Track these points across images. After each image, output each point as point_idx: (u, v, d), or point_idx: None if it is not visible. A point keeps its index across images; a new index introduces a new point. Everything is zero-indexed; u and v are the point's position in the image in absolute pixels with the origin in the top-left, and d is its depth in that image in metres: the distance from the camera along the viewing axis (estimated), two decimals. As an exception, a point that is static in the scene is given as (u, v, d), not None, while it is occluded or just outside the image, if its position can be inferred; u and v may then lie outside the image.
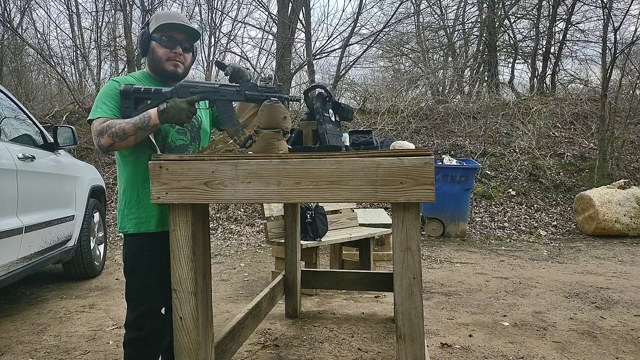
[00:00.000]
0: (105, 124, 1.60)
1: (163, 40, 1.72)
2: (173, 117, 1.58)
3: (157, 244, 1.71)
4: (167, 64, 1.74)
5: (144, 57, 1.80)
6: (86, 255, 4.06)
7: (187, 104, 1.60)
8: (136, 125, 1.58)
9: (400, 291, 1.36)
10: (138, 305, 1.74)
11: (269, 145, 1.51)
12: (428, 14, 12.67)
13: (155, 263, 1.72)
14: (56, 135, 3.62)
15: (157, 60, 1.74)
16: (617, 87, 8.40)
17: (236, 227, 6.37)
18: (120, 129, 1.58)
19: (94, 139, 1.63)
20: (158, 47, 1.73)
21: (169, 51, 1.73)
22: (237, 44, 14.96)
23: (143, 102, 1.67)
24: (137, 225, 1.73)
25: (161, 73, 1.77)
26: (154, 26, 1.73)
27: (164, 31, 1.73)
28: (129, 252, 1.76)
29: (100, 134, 1.59)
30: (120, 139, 1.58)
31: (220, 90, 1.67)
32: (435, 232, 6.12)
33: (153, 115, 1.59)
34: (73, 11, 11.00)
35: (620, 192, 6.15)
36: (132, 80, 1.75)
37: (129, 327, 1.75)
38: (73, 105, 8.88)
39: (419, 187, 1.31)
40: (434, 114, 8.90)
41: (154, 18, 1.76)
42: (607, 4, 8.69)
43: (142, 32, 1.77)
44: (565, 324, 2.95)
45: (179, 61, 1.75)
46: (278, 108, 1.54)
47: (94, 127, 1.63)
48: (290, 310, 3.08)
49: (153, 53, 1.74)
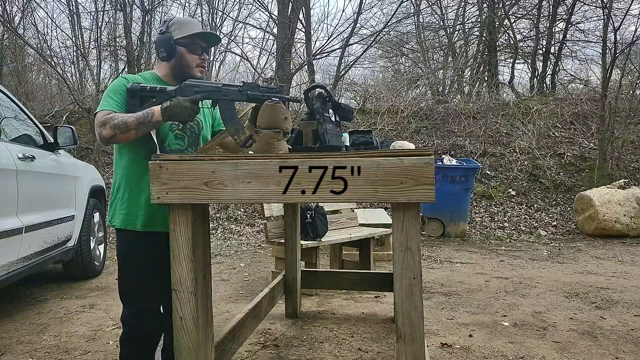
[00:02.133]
0: (109, 116, 1.63)
1: (192, 47, 1.80)
2: (176, 115, 1.61)
3: (143, 243, 1.75)
4: (196, 70, 1.82)
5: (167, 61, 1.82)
6: (86, 255, 4.06)
7: (190, 102, 1.62)
8: (139, 120, 1.61)
9: (400, 291, 1.36)
10: (132, 303, 1.77)
11: (269, 146, 1.51)
12: (428, 14, 12.67)
13: (144, 260, 1.76)
14: (56, 135, 3.62)
15: (186, 66, 1.80)
16: (617, 87, 8.40)
17: (236, 227, 6.37)
18: (123, 121, 1.61)
19: (95, 130, 1.66)
20: (188, 53, 1.80)
21: (197, 58, 1.81)
22: (237, 44, 14.95)
23: (148, 100, 1.71)
24: (124, 221, 1.77)
25: (187, 78, 1.78)
26: (181, 33, 1.78)
27: (192, 39, 1.79)
28: (119, 249, 1.81)
29: (103, 125, 1.62)
30: (122, 132, 1.61)
31: (223, 90, 1.70)
32: (435, 232, 6.12)
33: (156, 112, 1.62)
34: (73, 11, 10.99)
35: (620, 192, 6.15)
36: (142, 80, 1.78)
37: (125, 323, 1.78)
38: (73, 105, 8.87)
39: (419, 187, 1.31)
40: (434, 114, 8.90)
41: (176, 24, 1.81)
42: (607, 4, 8.69)
43: (164, 36, 1.80)
44: (565, 324, 2.95)
45: (204, 67, 1.84)
46: (279, 108, 1.54)
47: (96, 119, 1.66)
48: (290, 310, 3.08)
49: (182, 58, 1.80)
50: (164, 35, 1.81)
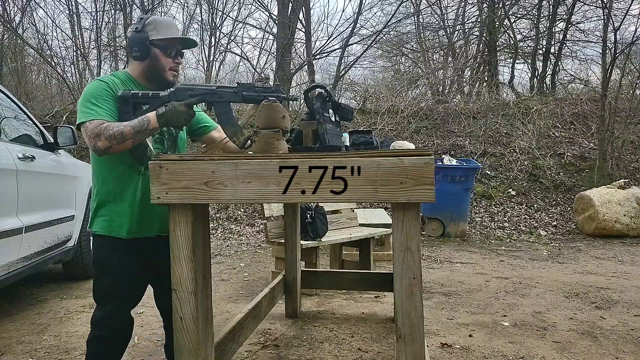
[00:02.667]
0: (102, 127, 1.56)
1: (167, 50, 1.73)
2: (172, 120, 1.59)
3: (126, 250, 1.70)
4: (169, 73, 1.76)
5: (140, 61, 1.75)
6: (86, 255, 4.06)
7: (186, 106, 1.61)
8: (135, 129, 1.57)
9: (400, 291, 1.36)
10: (106, 305, 1.72)
11: (268, 145, 1.51)
12: (428, 14, 12.68)
13: (123, 266, 1.71)
14: (56, 135, 3.62)
15: (160, 69, 1.74)
16: (617, 87, 8.40)
17: (236, 227, 6.37)
18: (119, 131, 1.56)
19: (87, 141, 1.59)
20: (163, 56, 1.73)
21: (171, 61, 1.75)
22: (237, 44, 14.95)
23: (141, 106, 1.67)
24: (107, 228, 1.71)
25: (159, 80, 1.76)
26: (157, 35, 1.72)
27: (169, 41, 1.73)
28: (98, 254, 1.74)
29: (97, 137, 1.56)
30: (119, 142, 1.56)
31: (218, 92, 1.68)
32: (435, 232, 6.12)
33: (152, 119, 1.59)
34: (73, 11, 11.00)
35: (620, 192, 6.15)
36: (117, 81, 1.72)
37: (95, 324, 1.72)
38: (73, 105, 8.86)
39: (419, 187, 1.31)
40: (434, 114, 8.90)
41: (152, 24, 1.73)
42: (607, 4, 8.69)
43: (139, 35, 1.72)
44: (565, 324, 2.95)
45: (177, 71, 1.79)
46: (276, 107, 1.54)
47: (87, 129, 1.58)
48: (290, 310, 3.08)
49: (156, 60, 1.73)
50: (139, 34, 1.72)
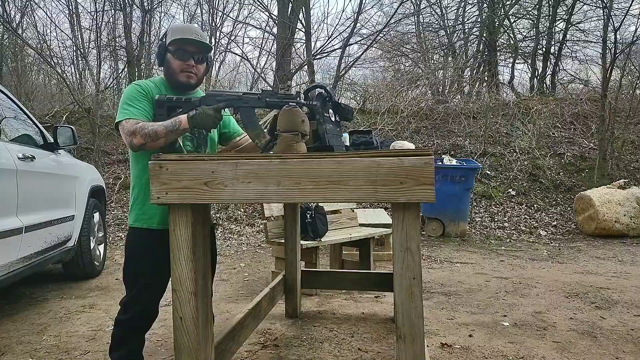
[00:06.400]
0: (138, 125, 1.73)
1: (177, 53, 1.85)
2: (201, 123, 1.73)
3: (156, 237, 1.82)
4: (181, 75, 1.87)
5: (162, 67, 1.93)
6: (86, 255, 4.06)
7: (214, 110, 1.73)
8: (167, 128, 1.72)
9: (400, 291, 1.36)
10: (132, 288, 1.88)
11: (288, 148, 1.55)
12: (428, 14, 12.68)
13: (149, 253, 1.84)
14: (56, 135, 3.62)
15: (172, 71, 1.88)
16: (617, 87, 8.41)
17: (236, 227, 6.37)
18: (153, 130, 1.71)
19: (124, 138, 1.76)
20: (173, 59, 1.86)
21: (182, 63, 1.86)
22: (237, 44, 14.96)
23: (174, 110, 1.81)
24: (139, 220, 1.87)
25: (175, 83, 1.90)
26: (169, 39, 1.86)
27: (177, 44, 1.85)
28: (129, 242, 1.91)
29: (133, 134, 1.72)
30: (152, 140, 1.72)
31: (244, 98, 1.80)
32: (435, 232, 6.12)
33: (183, 121, 1.73)
34: (73, 11, 10.99)
35: (620, 192, 6.15)
36: (152, 85, 1.88)
37: (121, 308, 1.89)
38: (73, 105, 8.87)
39: (419, 187, 1.31)
40: (434, 114, 8.90)
41: (169, 31, 1.90)
42: (607, 4, 8.70)
43: (160, 43, 1.91)
44: (565, 324, 2.95)
45: (191, 72, 1.89)
46: (296, 112, 1.59)
47: (125, 128, 1.75)
48: (290, 310, 3.08)
49: (168, 64, 1.88)
50: (160, 43, 1.91)
